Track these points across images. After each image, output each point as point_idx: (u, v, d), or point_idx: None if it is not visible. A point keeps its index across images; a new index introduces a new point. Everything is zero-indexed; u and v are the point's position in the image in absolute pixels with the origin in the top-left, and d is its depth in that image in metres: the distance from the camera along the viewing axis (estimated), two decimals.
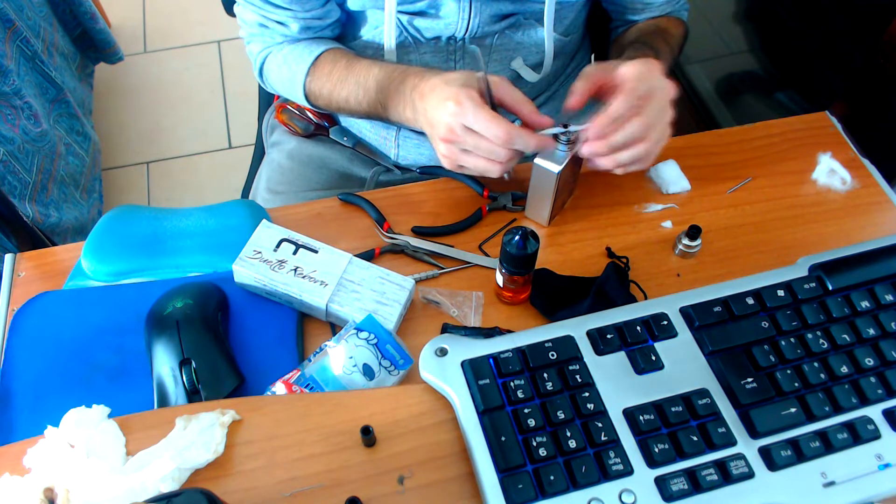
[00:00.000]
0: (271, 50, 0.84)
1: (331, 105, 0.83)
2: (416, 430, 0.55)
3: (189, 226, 0.71)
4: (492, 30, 0.80)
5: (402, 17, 0.78)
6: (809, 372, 0.56)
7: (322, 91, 0.81)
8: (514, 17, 0.80)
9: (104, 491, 0.50)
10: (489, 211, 0.76)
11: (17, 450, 0.53)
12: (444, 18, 0.78)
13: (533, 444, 0.52)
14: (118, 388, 0.62)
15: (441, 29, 0.79)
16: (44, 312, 0.67)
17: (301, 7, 0.78)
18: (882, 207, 0.77)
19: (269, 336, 0.66)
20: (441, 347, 0.58)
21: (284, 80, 0.84)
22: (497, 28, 0.80)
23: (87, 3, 1.76)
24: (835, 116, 0.85)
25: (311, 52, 0.81)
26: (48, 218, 1.42)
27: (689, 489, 0.50)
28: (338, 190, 0.85)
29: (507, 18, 0.80)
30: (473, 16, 0.78)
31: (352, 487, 0.52)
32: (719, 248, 0.73)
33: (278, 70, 0.84)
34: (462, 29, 0.79)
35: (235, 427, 0.55)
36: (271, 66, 0.85)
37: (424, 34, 0.80)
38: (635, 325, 0.58)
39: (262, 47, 0.85)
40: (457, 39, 0.81)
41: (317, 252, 0.68)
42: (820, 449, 0.53)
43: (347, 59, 0.79)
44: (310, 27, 0.81)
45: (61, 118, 1.59)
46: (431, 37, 0.80)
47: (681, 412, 0.54)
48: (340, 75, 0.79)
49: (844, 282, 0.61)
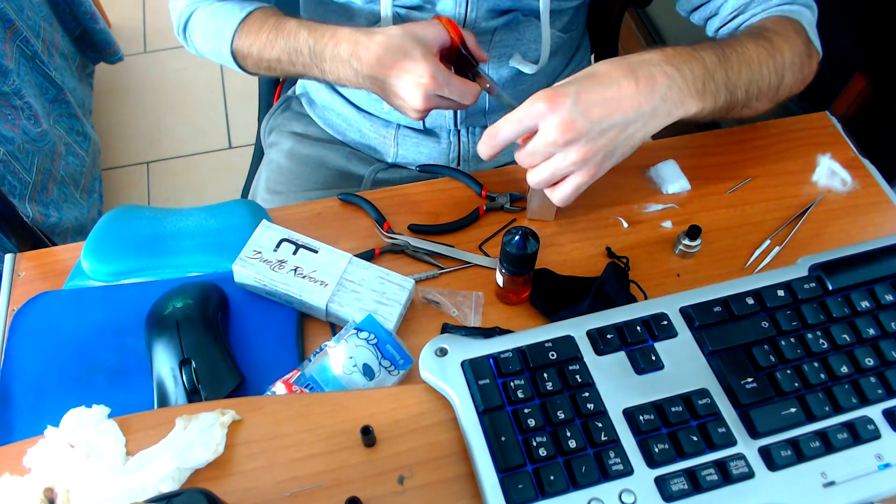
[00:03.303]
0: (199, 5, 0.82)
1: (260, 65, 0.80)
2: (416, 430, 0.55)
3: (189, 226, 0.71)
4: (489, 26, 0.80)
5: (400, 10, 0.78)
6: (809, 372, 0.56)
7: (251, 49, 0.79)
8: (511, 14, 0.80)
9: (104, 491, 0.50)
10: (486, 211, 0.76)
11: (17, 450, 0.53)
12: (440, 13, 0.78)
13: (533, 444, 0.52)
14: (118, 388, 0.62)
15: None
16: (44, 312, 0.67)
17: None
18: (882, 207, 0.77)
19: (269, 336, 0.66)
20: (441, 347, 0.58)
21: (210, 34, 0.82)
22: (494, 24, 0.80)
23: (87, 3, 1.76)
24: (835, 116, 0.85)
25: (243, 8, 0.79)
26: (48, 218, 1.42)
27: (689, 489, 0.50)
28: (337, 189, 0.84)
29: (504, 14, 0.80)
30: (470, 10, 0.77)
31: (352, 487, 0.52)
32: (719, 248, 0.73)
33: (205, 24, 0.82)
34: (458, 24, 0.79)
35: (235, 427, 0.55)
36: (196, 21, 0.82)
37: None
38: (635, 325, 0.58)
39: (189, 2, 0.83)
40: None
41: (317, 252, 0.68)
42: (820, 449, 0.53)
43: (276, 18, 0.78)
44: None
45: (61, 118, 1.59)
46: None
47: (681, 412, 0.54)
48: (270, 34, 0.77)
49: (844, 282, 0.61)
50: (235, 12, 0.80)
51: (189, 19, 0.84)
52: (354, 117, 0.92)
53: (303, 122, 0.99)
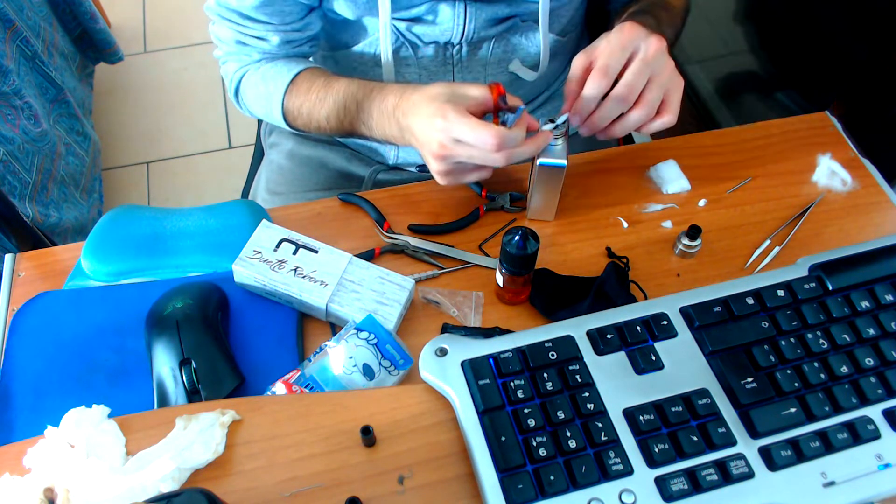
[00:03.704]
0: (248, 69, 0.82)
1: (310, 125, 0.80)
2: (416, 430, 0.55)
3: (189, 226, 0.71)
4: (488, 34, 0.80)
5: (399, 24, 0.78)
6: (809, 372, 0.56)
7: (301, 109, 0.79)
8: (510, 21, 0.80)
9: (104, 491, 0.50)
10: (486, 211, 0.76)
11: (17, 450, 0.53)
12: (439, 25, 0.78)
13: (533, 444, 0.52)
14: (118, 388, 0.62)
15: (437, 35, 0.79)
16: (44, 312, 0.67)
17: (280, 20, 0.77)
18: (882, 207, 0.77)
19: (269, 336, 0.66)
20: (441, 347, 0.58)
21: (261, 97, 0.82)
22: (494, 32, 0.80)
23: (87, 3, 1.76)
24: (835, 116, 0.85)
25: (290, 69, 0.79)
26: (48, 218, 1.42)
27: (689, 489, 0.51)
28: (337, 190, 0.84)
29: (503, 22, 0.80)
30: (469, 21, 0.77)
31: (352, 487, 0.52)
32: (719, 248, 0.73)
33: (255, 88, 0.82)
34: (458, 34, 0.79)
35: (235, 427, 0.55)
36: (248, 85, 0.83)
37: (420, 41, 0.80)
38: (635, 325, 0.58)
39: (239, 66, 0.83)
40: (453, 45, 0.80)
41: (317, 252, 0.68)
42: (820, 449, 0.53)
43: (326, 77, 0.77)
44: (289, 41, 0.80)
45: (61, 118, 1.59)
46: (428, 42, 0.80)
47: (681, 412, 0.54)
48: (319, 94, 0.77)
49: (844, 282, 0.61)
50: (284, 73, 0.79)
51: (240, 84, 0.84)
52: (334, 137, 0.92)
53: None
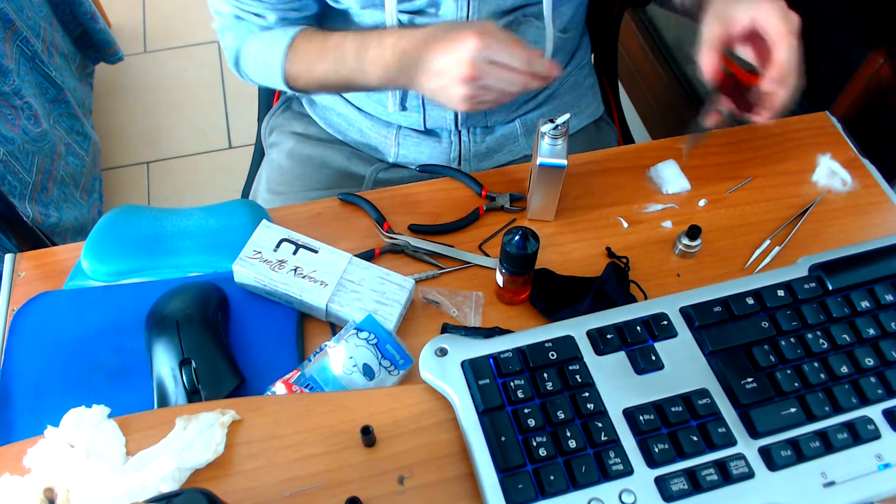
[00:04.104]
0: (245, 39, 0.84)
1: (311, 84, 0.82)
2: (416, 430, 0.55)
3: (189, 226, 0.71)
4: None
5: (403, 16, 0.78)
6: (809, 372, 0.56)
7: (301, 70, 0.81)
8: (513, 14, 0.80)
9: (104, 491, 0.50)
10: (486, 211, 0.76)
11: (17, 450, 0.53)
12: (442, 17, 0.78)
13: (533, 444, 0.52)
14: (118, 388, 0.62)
15: None
16: (44, 312, 0.67)
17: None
18: (882, 207, 0.77)
19: (269, 336, 0.66)
20: (441, 347, 0.58)
21: (261, 65, 0.84)
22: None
23: (87, 3, 1.76)
24: (835, 116, 0.85)
25: (287, 33, 0.81)
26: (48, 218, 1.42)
27: (689, 489, 0.51)
28: (338, 189, 0.84)
29: (506, 16, 0.80)
30: (472, 14, 0.78)
31: (352, 487, 0.52)
32: (719, 248, 0.73)
33: (255, 57, 0.84)
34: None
35: (235, 427, 0.55)
36: (247, 54, 0.85)
37: None
38: (635, 325, 0.58)
39: (237, 37, 0.85)
40: None
41: (317, 252, 0.68)
42: (820, 449, 0.53)
43: (322, 35, 0.79)
44: (286, 18, 0.81)
45: (61, 118, 1.59)
46: None
47: (681, 412, 0.54)
48: (317, 51, 0.79)
49: (844, 282, 0.61)
50: (280, 38, 0.81)
51: (239, 54, 0.85)
52: (355, 117, 0.93)
53: (303, 122, 0.99)
